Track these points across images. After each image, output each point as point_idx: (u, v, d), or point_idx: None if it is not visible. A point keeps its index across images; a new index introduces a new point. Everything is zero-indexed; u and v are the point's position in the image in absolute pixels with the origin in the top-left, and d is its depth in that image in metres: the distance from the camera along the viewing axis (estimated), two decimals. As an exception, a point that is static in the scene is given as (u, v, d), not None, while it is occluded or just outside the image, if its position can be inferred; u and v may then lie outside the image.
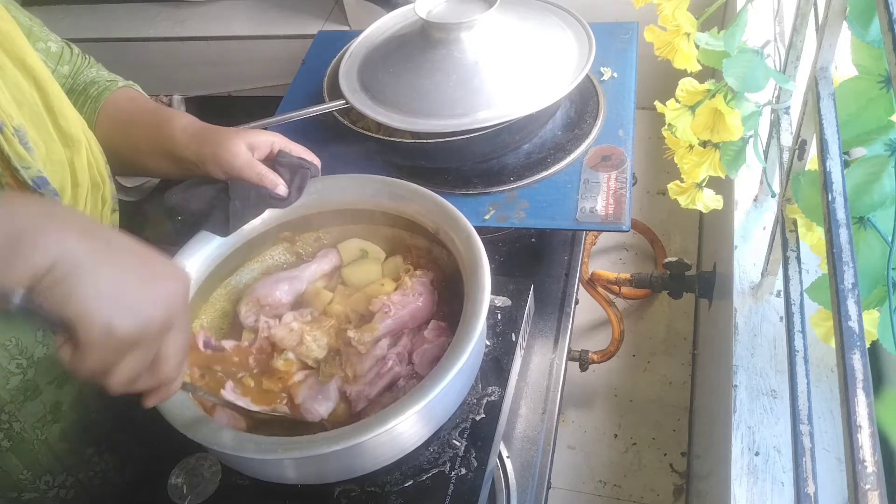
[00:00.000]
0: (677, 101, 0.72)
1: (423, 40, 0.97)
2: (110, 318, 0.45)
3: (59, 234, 0.44)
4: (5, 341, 0.67)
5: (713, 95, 0.68)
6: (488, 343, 0.76)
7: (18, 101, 0.64)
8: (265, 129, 1.00)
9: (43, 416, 0.72)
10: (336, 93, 1.01)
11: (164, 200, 0.74)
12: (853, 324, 0.48)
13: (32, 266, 0.42)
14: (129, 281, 0.46)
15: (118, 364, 0.47)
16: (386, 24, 1.10)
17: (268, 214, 0.77)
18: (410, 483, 0.66)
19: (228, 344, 0.72)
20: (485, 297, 0.64)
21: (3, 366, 0.67)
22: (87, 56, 0.85)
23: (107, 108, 0.80)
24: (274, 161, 0.76)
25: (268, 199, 0.75)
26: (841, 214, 0.53)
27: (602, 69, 1.11)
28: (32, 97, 0.66)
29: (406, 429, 0.62)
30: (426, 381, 0.59)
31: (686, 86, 0.70)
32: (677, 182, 0.78)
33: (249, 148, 0.74)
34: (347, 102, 0.98)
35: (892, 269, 0.56)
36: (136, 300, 0.46)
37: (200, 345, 0.70)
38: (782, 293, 0.76)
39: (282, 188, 0.75)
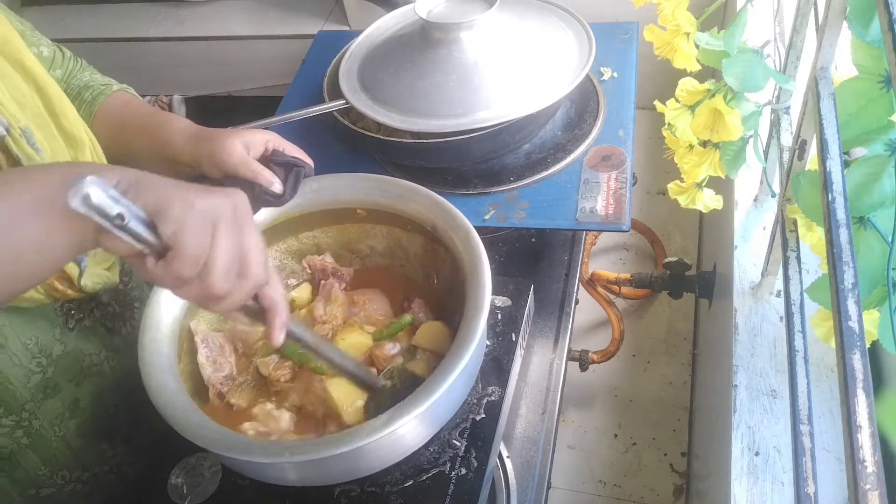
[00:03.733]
0: (677, 100, 0.72)
1: (423, 40, 0.97)
2: (186, 196, 0.48)
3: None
4: (26, 340, 0.68)
5: (713, 95, 0.68)
6: (488, 343, 0.76)
7: (21, 103, 0.64)
8: (265, 129, 1.00)
9: (61, 413, 0.73)
10: (336, 93, 1.02)
11: None
12: (853, 324, 0.48)
13: (118, 175, 0.47)
14: (194, 188, 0.50)
15: (209, 252, 0.48)
16: (386, 24, 1.10)
17: (263, 215, 0.77)
18: (410, 483, 0.66)
19: None
20: (486, 294, 0.64)
21: (25, 364, 0.68)
22: (78, 59, 0.85)
23: (102, 113, 0.81)
24: (268, 160, 0.77)
25: (263, 197, 0.75)
26: (841, 214, 0.53)
27: (602, 69, 1.11)
28: (33, 99, 0.66)
29: (409, 430, 0.62)
30: (429, 382, 0.59)
31: (686, 86, 0.70)
32: (677, 182, 0.78)
33: (244, 146, 0.75)
34: (347, 102, 0.98)
35: (892, 269, 0.56)
36: (204, 193, 0.49)
37: None
38: (782, 293, 0.76)
39: (277, 186, 0.75)
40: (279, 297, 0.55)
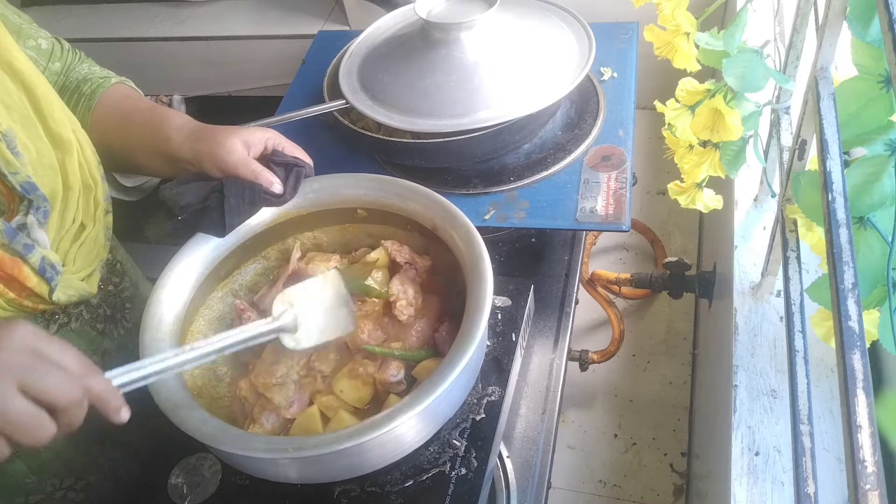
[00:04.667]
0: (677, 101, 0.72)
1: (423, 40, 0.97)
2: None
3: None
4: None
5: (713, 95, 0.68)
6: (488, 343, 0.76)
7: (6, 104, 0.64)
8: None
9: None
10: (336, 93, 1.02)
11: (159, 194, 0.74)
12: (853, 324, 0.48)
13: None
14: None
15: None
16: (386, 24, 1.10)
17: (264, 215, 0.77)
18: (410, 483, 0.66)
19: None
20: (487, 291, 0.64)
21: None
22: (77, 51, 0.85)
23: (101, 106, 0.80)
24: (268, 160, 0.76)
25: (263, 196, 0.75)
26: (841, 214, 0.53)
27: (602, 69, 1.11)
28: (21, 100, 0.65)
29: (409, 429, 0.62)
30: (429, 380, 0.59)
31: (686, 86, 0.70)
32: (677, 182, 0.78)
33: (244, 145, 0.74)
34: (347, 102, 0.98)
35: (892, 269, 0.56)
36: None
37: None
38: (782, 293, 0.76)
39: (277, 185, 0.75)
40: (101, 390, 0.53)
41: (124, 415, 0.54)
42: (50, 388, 0.49)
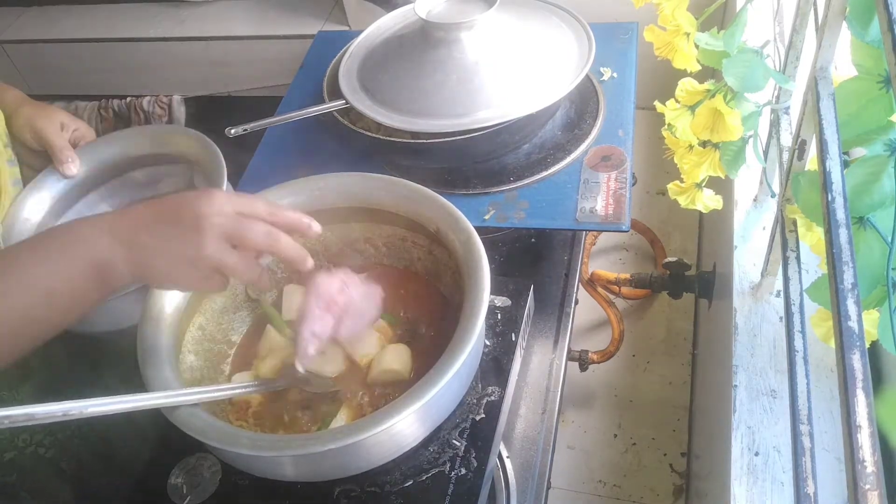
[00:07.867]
0: (677, 101, 0.72)
1: (423, 40, 0.97)
2: (174, 267, 0.56)
3: (111, 246, 0.56)
4: None
5: (713, 95, 0.68)
6: (488, 343, 0.76)
7: None
8: (265, 129, 1.00)
9: (14, 375, 0.75)
10: (336, 93, 1.02)
11: None
12: (853, 324, 0.47)
13: (119, 280, 0.57)
14: (162, 232, 0.57)
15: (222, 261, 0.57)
16: (386, 24, 1.10)
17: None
18: (410, 483, 0.66)
19: None
20: (483, 298, 0.64)
21: None
22: None
23: None
24: None
25: None
26: (841, 214, 0.53)
27: (602, 69, 1.11)
28: None
29: (403, 428, 0.62)
30: (424, 380, 0.59)
31: (686, 86, 0.70)
32: (677, 182, 0.78)
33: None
34: (347, 102, 0.98)
35: (892, 269, 0.55)
36: (180, 239, 0.57)
37: None
38: (782, 293, 0.76)
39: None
40: (288, 246, 0.61)
41: (310, 263, 0.61)
42: (250, 238, 0.58)
